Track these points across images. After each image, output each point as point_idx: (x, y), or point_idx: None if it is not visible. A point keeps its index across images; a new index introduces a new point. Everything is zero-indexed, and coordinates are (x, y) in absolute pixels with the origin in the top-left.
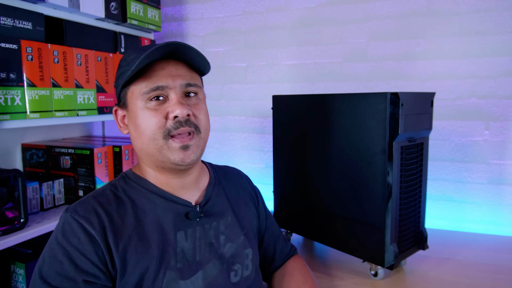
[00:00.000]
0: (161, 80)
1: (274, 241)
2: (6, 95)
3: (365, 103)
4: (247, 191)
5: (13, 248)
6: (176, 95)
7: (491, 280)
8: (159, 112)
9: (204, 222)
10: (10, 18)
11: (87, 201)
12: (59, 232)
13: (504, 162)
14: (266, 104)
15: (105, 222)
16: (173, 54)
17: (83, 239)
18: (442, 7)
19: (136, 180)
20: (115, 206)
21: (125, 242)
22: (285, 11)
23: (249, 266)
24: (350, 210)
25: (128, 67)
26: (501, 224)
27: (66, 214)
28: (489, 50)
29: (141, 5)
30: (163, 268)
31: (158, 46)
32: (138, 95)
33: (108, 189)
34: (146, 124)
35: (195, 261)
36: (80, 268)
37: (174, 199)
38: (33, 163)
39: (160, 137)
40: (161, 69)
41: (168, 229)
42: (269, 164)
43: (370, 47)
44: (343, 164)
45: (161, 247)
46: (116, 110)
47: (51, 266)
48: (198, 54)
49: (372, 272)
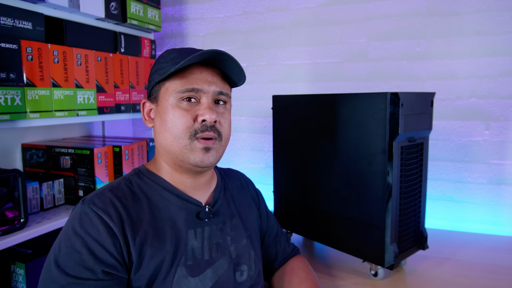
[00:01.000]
0: (198, 83)
1: (275, 242)
2: (6, 95)
3: (365, 103)
4: (250, 194)
5: (13, 248)
6: (208, 100)
7: (491, 280)
8: (190, 113)
9: (212, 222)
10: (10, 18)
11: (104, 194)
12: (76, 222)
13: (504, 162)
14: (266, 104)
15: (123, 215)
16: (212, 61)
17: (102, 231)
18: (442, 7)
19: (150, 176)
20: (131, 200)
21: (142, 236)
22: (285, 11)
23: (252, 267)
24: (350, 210)
25: (167, 64)
26: (501, 224)
27: (83, 206)
28: (489, 50)
29: (141, 5)
30: (176, 264)
31: (204, 52)
32: (173, 92)
33: (123, 183)
34: (174, 122)
35: (204, 259)
36: (99, 259)
37: (187, 198)
38: (33, 163)
39: (186, 137)
40: (199, 73)
41: (181, 226)
42: (269, 164)
43: (370, 47)
44: (343, 164)
45: (174, 243)
46: (144, 102)
47: (68, 256)
48: (237, 65)
49: (372, 272)
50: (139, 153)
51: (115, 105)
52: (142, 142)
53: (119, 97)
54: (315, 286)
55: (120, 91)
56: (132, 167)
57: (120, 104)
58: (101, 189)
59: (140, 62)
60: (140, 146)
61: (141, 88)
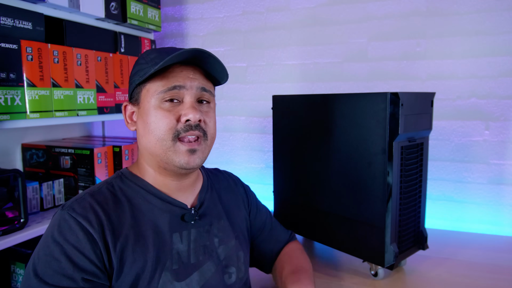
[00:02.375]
0: (179, 81)
1: (270, 234)
2: (6, 95)
3: (365, 103)
4: (238, 193)
5: (13, 248)
6: (191, 99)
7: (491, 280)
8: (172, 114)
9: (199, 225)
10: (10, 18)
11: (84, 199)
12: (55, 229)
13: (504, 162)
14: (266, 104)
15: (103, 220)
16: (193, 60)
17: (81, 237)
18: (442, 7)
19: (133, 179)
20: (113, 205)
21: (123, 242)
22: (285, 11)
23: (241, 268)
24: (350, 210)
25: (147, 65)
26: (501, 224)
27: (62, 212)
28: (489, 50)
29: (141, 5)
30: (159, 269)
31: (184, 50)
32: (154, 93)
33: (105, 187)
34: (157, 124)
35: (190, 263)
36: (79, 266)
37: (171, 200)
38: (33, 163)
39: (169, 138)
40: (180, 71)
41: (164, 230)
42: (269, 164)
43: (370, 47)
44: (343, 164)
45: (157, 248)
46: (126, 106)
47: (47, 264)
48: (219, 63)
49: (372, 272)
50: None
51: (115, 105)
52: None
53: (119, 97)
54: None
55: (120, 91)
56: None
57: (120, 104)
58: (81, 194)
59: None
60: None
61: None
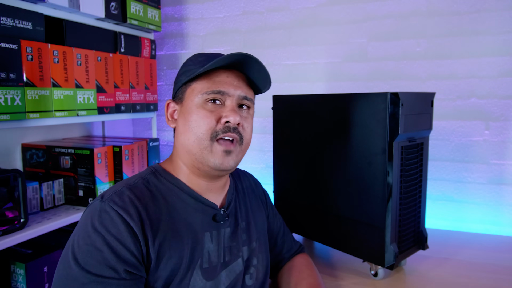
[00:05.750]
0: (224, 86)
1: (282, 241)
2: (6, 95)
3: (365, 103)
4: (259, 195)
5: (13, 248)
6: (232, 103)
7: (491, 280)
8: (213, 115)
9: (226, 225)
10: (10, 18)
11: (123, 193)
12: (95, 220)
13: (504, 162)
14: (266, 104)
15: (143, 215)
16: (239, 65)
17: (123, 230)
18: (442, 7)
19: (167, 177)
20: (150, 200)
21: (161, 237)
22: (285, 11)
23: (260, 269)
24: (350, 210)
25: (194, 66)
26: (501, 224)
27: (103, 203)
28: (489, 50)
29: (141, 5)
30: (192, 267)
31: (234, 53)
32: (199, 93)
33: (141, 182)
34: (198, 122)
35: (219, 262)
36: (121, 258)
37: (203, 200)
38: (33, 163)
39: (207, 138)
40: (226, 76)
41: (197, 229)
42: (269, 164)
43: (370, 47)
44: (343, 164)
45: (191, 246)
46: (168, 103)
47: (89, 254)
48: (264, 70)
49: (372, 272)
50: (139, 153)
51: (115, 105)
52: (142, 142)
53: (119, 97)
54: (317, 282)
55: (120, 91)
56: (132, 167)
57: (120, 104)
58: (118, 186)
59: (140, 62)
60: (140, 146)
61: (141, 88)
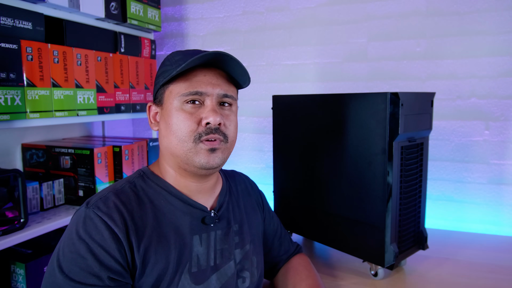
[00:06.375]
0: (202, 86)
1: (279, 242)
2: (6, 95)
3: (365, 103)
4: (255, 197)
5: (13, 248)
6: (212, 103)
7: (491, 280)
8: (194, 117)
9: (218, 228)
10: (10, 18)
11: (108, 198)
12: (80, 227)
13: (504, 162)
14: (266, 104)
15: (128, 220)
16: (216, 63)
17: (107, 236)
18: (442, 7)
19: (155, 180)
20: (136, 205)
21: (146, 242)
22: (285, 11)
23: (254, 273)
24: (350, 210)
25: (171, 67)
26: (501, 224)
27: (87, 210)
28: (489, 50)
29: (141, 5)
30: (180, 272)
31: (206, 53)
32: (176, 95)
33: (127, 186)
34: (179, 126)
35: (209, 266)
36: (105, 265)
37: (192, 202)
38: (33, 163)
39: (190, 140)
40: (203, 75)
41: (185, 232)
42: (269, 164)
43: (370, 47)
44: (343, 164)
45: (178, 250)
46: (150, 106)
47: (73, 261)
48: (240, 66)
49: (372, 272)
50: (139, 153)
51: (115, 105)
52: (142, 142)
53: (119, 97)
54: (316, 283)
55: (120, 91)
56: (132, 167)
57: (120, 104)
58: (104, 192)
59: (140, 62)
60: (140, 146)
61: (141, 88)
